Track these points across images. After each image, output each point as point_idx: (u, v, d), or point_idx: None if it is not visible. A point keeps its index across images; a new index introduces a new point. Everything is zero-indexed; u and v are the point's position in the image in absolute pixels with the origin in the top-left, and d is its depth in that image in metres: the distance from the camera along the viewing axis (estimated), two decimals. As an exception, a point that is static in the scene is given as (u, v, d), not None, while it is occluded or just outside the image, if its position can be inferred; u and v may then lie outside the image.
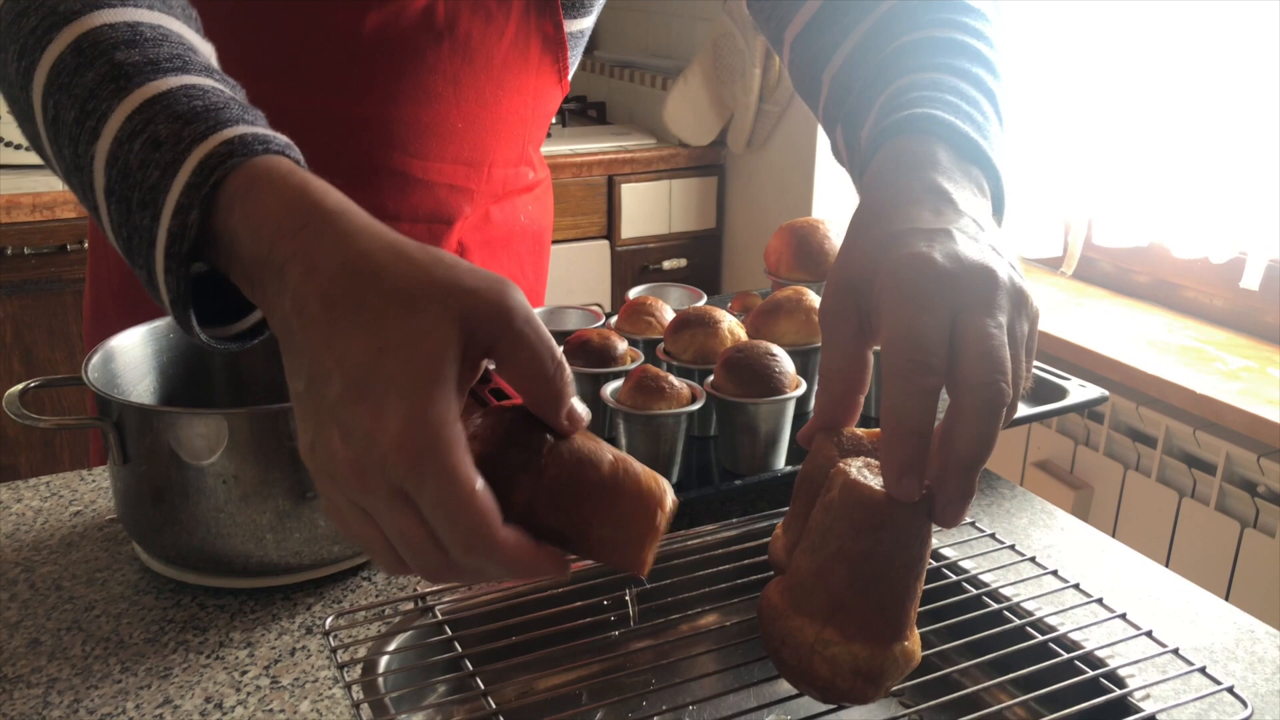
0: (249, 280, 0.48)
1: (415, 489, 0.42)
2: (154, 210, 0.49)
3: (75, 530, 0.82)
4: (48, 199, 2.04)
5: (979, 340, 0.47)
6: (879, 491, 0.47)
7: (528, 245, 1.08)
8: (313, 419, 0.44)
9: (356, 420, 0.42)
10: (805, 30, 0.78)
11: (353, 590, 0.74)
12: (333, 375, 0.43)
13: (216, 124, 0.50)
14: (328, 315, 0.44)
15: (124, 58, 0.53)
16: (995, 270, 0.50)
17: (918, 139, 0.58)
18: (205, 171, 0.48)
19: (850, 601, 0.47)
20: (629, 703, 0.64)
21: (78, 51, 0.54)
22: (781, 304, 0.95)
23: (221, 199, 0.48)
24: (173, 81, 0.52)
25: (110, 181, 0.51)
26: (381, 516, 0.43)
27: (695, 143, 2.57)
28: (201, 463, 0.69)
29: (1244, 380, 1.57)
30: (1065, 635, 0.62)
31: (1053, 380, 0.98)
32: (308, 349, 0.44)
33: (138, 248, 0.51)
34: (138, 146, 0.50)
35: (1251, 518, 1.52)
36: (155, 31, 0.56)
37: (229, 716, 0.62)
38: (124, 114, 0.51)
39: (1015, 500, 0.90)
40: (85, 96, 0.52)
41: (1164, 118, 1.74)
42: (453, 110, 0.93)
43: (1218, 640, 0.71)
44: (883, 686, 0.49)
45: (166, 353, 0.83)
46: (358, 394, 0.42)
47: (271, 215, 0.47)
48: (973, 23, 0.68)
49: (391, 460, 0.41)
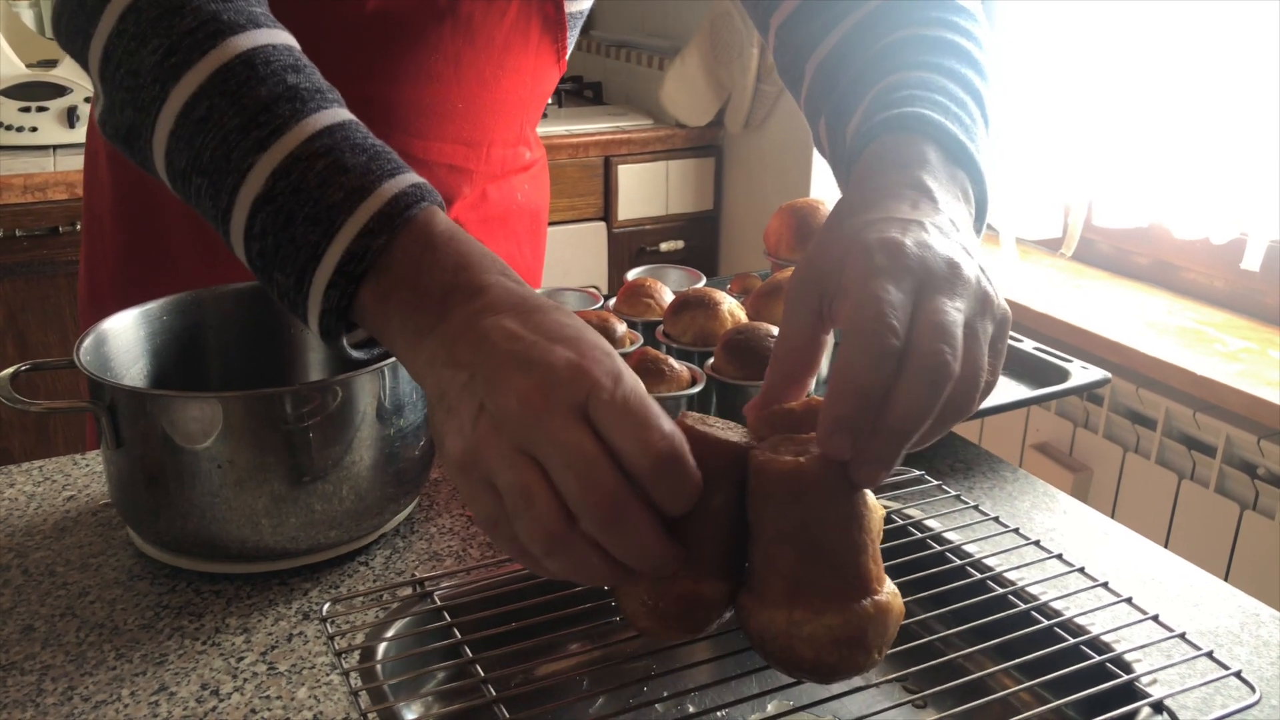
0: (427, 303, 0.52)
1: (604, 409, 0.45)
2: (327, 227, 0.54)
3: (69, 515, 0.81)
4: (39, 180, 2.03)
5: (933, 313, 0.48)
6: (787, 461, 0.47)
7: (524, 224, 1.08)
8: (485, 385, 0.47)
9: (544, 357, 0.46)
10: (791, 18, 0.78)
11: (349, 575, 0.74)
12: (519, 360, 0.47)
13: (399, 166, 0.56)
14: (520, 324, 0.49)
15: (296, 81, 0.58)
16: (962, 265, 0.50)
17: (908, 138, 0.58)
18: (400, 205, 0.54)
19: (804, 576, 0.47)
20: (630, 689, 0.64)
21: (249, 65, 0.57)
22: (781, 285, 0.94)
23: (411, 233, 0.54)
24: (344, 114, 0.58)
25: (273, 191, 0.55)
26: (554, 447, 0.44)
27: (692, 123, 2.56)
28: (196, 446, 0.68)
29: (1244, 362, 1.57)
30: (1071, 620, 0.62)
31: (1055, 362, 0.98)
32: (492, 355, 0.48)
33: (286, 257, 0.55)
34: (320, 167, 0.55)
35: (1251, 500, 1.52)
36: (306, 59, 0.60)
37: (225, 704, 0.61)
38: (305, 134, 0.55)
39: (1017, 483, 0.89)
40: (257, 109, 0.56)
41: (1164, 99, 1.73)
42: (453, 90, 0.92)
43: (1222, 624, 0.70)
44: (871, 649, 0.48)
45: (160, 335, 0.82)
46: (547, 351, 0.47)
47: (476, 255, 0.53)
48: (962, 22, 0.69)
49: (581, 376, 0.45)
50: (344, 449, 0.71)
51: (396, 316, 0.53)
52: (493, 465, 0.46)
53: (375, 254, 0.53)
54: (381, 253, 0.53)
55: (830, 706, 0.61)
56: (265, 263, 0.56)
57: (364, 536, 0.75)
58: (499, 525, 0.47)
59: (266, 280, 0.57)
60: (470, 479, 0.47)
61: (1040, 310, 1.78)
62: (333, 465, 0.71)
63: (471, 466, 0.47)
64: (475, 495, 0.47)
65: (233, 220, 0.57)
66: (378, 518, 0.75)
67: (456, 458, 0.47)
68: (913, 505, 0.75)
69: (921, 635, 0.63)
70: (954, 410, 0.48)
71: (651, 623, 0.49)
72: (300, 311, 0.56)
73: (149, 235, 0.98)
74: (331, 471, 0.71)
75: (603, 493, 0.44)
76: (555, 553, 0.45)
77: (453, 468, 0.48)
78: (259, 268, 0.57)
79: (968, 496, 0.78)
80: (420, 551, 0.76)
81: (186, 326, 0.84)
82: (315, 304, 0.55)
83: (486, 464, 0.46)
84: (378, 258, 0.53)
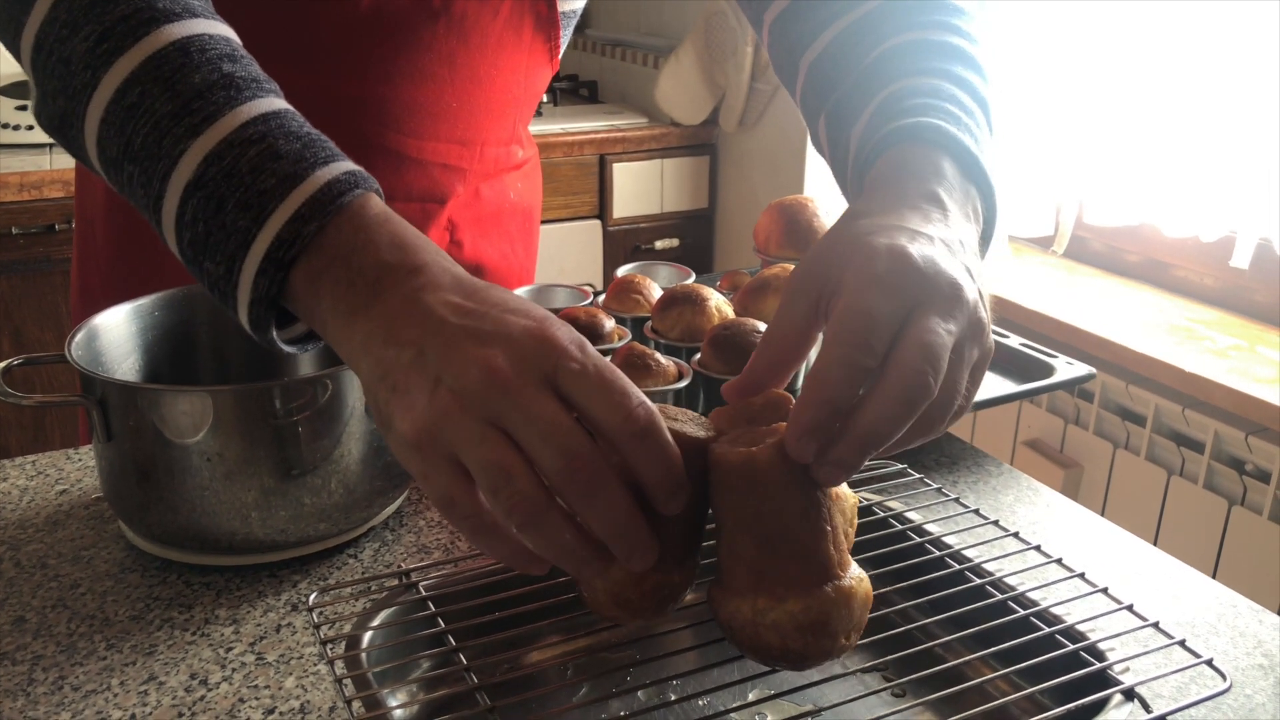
0: (361, 281, 0.51)
1: (575, 378, 0.45)
2: (257, 213, 0.52)
3: (61, 509, 0.82)
4: (35, 178, 2.03)
5: (925, 332, 0.48)
6: (740, 452, 0.48)
7: (517, 222, 1.08)
8: (439, 360, 0.46)
9: (501, 328, 0.46)
10: (785, 14, 0.78)
11: (338, 568, 0.75)
12: (472, 333, 0.47)
13: (334, 154, 0.55)
14: (464, 298, 0.49)
15: (231, 70, 0.57)
16: (964, 288, 0.50)
17: (924, 149, 0.59)
18: (334, 191, 0.52)
19: (765, 564, 0.48)
20: (613, 677, 0.64)
21: (184, 52, 0.56)
22: (769, 282, 0.95)
23: (345, 217, 0.52)
24: (279, 104, 0.57)
25: (204, 177, 0.54)
26: (528, 419, 0.44)
27: (687, 122, 2.56)
28: (186, 440, 0.69)
29: (1233, 359, 1.58)
30: (1047, 610, 0.62)
31: (1040, 358, 0.99)
32: (441, 329, 0.47)
33: (216, 244, 0.53)
34: (252, 153, 0.53)
35: (1239, 496, 1.53)
36: (244, 51, 0.59)
37: (214, 693, 0.62)
38: (239, 120, 0.54)
39: (1001, 478, 0.90)
40: (190, 96, 0.55)
41: (1155, 98, 1.74)
42: (447, 89, 0.93)
43: (1200, 615, 0.71)
44: (837, 634, 0.48)
45: (151, 330, 0.83)
46: (502, 321, 0.47)
47: (411, 236, 0.52)
48: (961, 24, 0.69)
49: (547, 345, 0.45)
50: (333, 443, 0.72)
51: (328, 297, 0.51)
52: (458, 441, 0.45)
53: (307, 239, 0.52)
54: (313, 237, 0.52)
55: (809, 694, 0.62)
56: (196, 252, 0.55)
57: (353, 529, 0.76)
58: (456, 504, 0.46)
59: (198, 270, 0.55)
60: (426, 456, 0.46)
61: (1031, 307, 1.79)
62: (322, 459, 0.72)
63: (430, 444, 0.45)
64: (431, 473, 0.46)
65: (164, 208, 0.55)
66: (366, 511, 0.76)
67: (410, 436, 0.46)
68: (894, 498, 0.76)
69: (900, 624, 0.64)
70: (922, 427, 0.49)
71: (617, 610, 0.50)
72: (230, 302, 0.54)
73: (139, 234, 0.98)
74: (321, 465, 0.72)
75: (583, 462, 0.44)
76: (532, 527, 0.45)
77: (404, 447, 0.46)
78: (190, 258, 0.55)
79: (950, 490, 0.79)
80: (408, 544, 0.77)
81: (178, 322, 0.84)
82: (245, 293, 0.53)
83: (448, 440, 0.45)
84: (309, 242, 0.52)
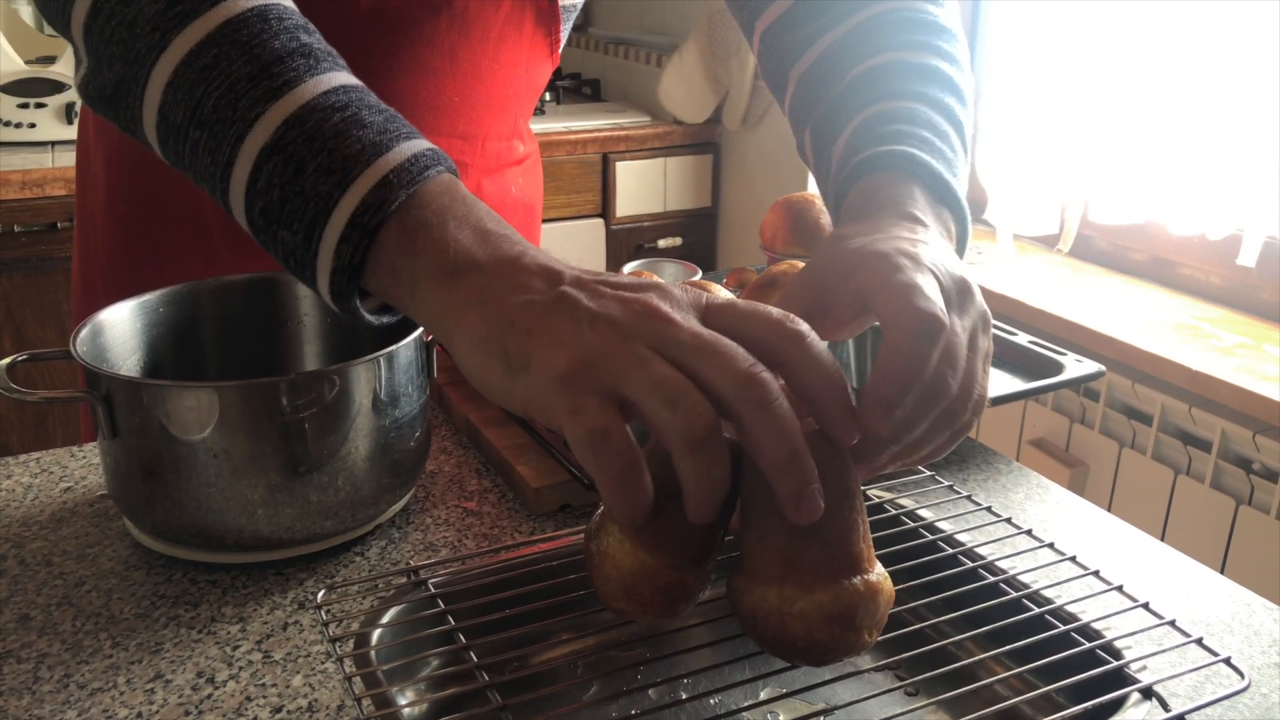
0: (470, 239, 0.50)
1: (724, 312, 0.46)
2: (341, 177, 0.50)
3: (65, 506, 0.81)
4: (37, 176, 2.03)
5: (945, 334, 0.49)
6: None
7: (519, 218, 1.08)
8: (586, 301, 0.46)
9: (636, 281, 0.47)
10: (776, 24, 0.79)
11: (345, 565, 0.74)
12: (611, 283, 0.47)
13: (416, 132, 0.54)
14: (590, 271, 0.49)
15: (309, 41, 0.56)
16: (971, 283, 0.53)
17: (898, 177, 0.60)
18: (420, 164, 0.51)
19: (796, 552, 0.48)
20: (623, 675, 0.64)
21: (263, 18, 0.55)
22: (777, 279, 0.94)
23: (439, 186, 0.51)
24: (356, 80, 0.56)
25: (283, 140, 0.52)
26: (695, 348, 0.44)
27: (690, 120, 2.56)
28: (192, 437, 0.68)
29: (1240, 357, 1.57)
30: (1062, 607, 0.62)
31: (1049, 355, 0.98)
32: (578, 282, 0.47)
33: (294, 211, 0.51)
34: (336, 119, 0.52)
35: (1247, 495, 1.52)
36: (315, 27, 0.59)
37: (221, 691, 0.62)
38: (322, 88, 0.53)
39: (1011, 475, 0.89)
40: (270, 60, 0.53)
41: (1161, 95, 1.73)
42: (449, 84, 0.93)
43: (1214, 613, 0.71)
44: (861, 629, 0.48)
45: (156, 327, 0.82)
46: (631, 279, 0.48)
47: (501, 218, 0.52)
48: (944, 44, 0.70)
49: (689, 291, 0.46)
50: (340, 439, 0.71)
51: (427, 254, 0.49)
52: (622, 367, 0.43)
53: (392, 205, 0.50)
54: (402, 204, 0.50)
55: (822, 693, 0.61)
56: (269, 221, 0.52)
57: (360, 527, 0.76)
58: (610, 438, 0.43)
59: (270, 241, 0.53)
60: (577, 389, 0.44)
61: (1036, 306, 1.78)
62: (329, 456, 0.71)
63: (585, 376, 0.44)
64: (583, 407, 0.43)
65: (234, 175, 0.53)
66: (373, 508, 0.75)
67: (561, 369, 0.44)
68: (906, 495, 0.76)
69: (913, 622, 0.63)
70: (947, 421, 0.50)
71: (628, 603, 0.49)
72: (309, 273, 0.52)
73: (141, 232, 0.98)
74: (327, 462, 0.71)
75: (758, 377, 0.43)
76: (703, 449, 0.43)
77: (551, 383, 0.44)
78: (261, 228, 0.53)
79: (961, 488, 0.78)
80: (416, 542, 0.77)
81: (183, 318, 0.84)
82: (326, 261, 0.51)
83: (609, 370, 0.43)
84: (396, 209, 0.50)
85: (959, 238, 0.62)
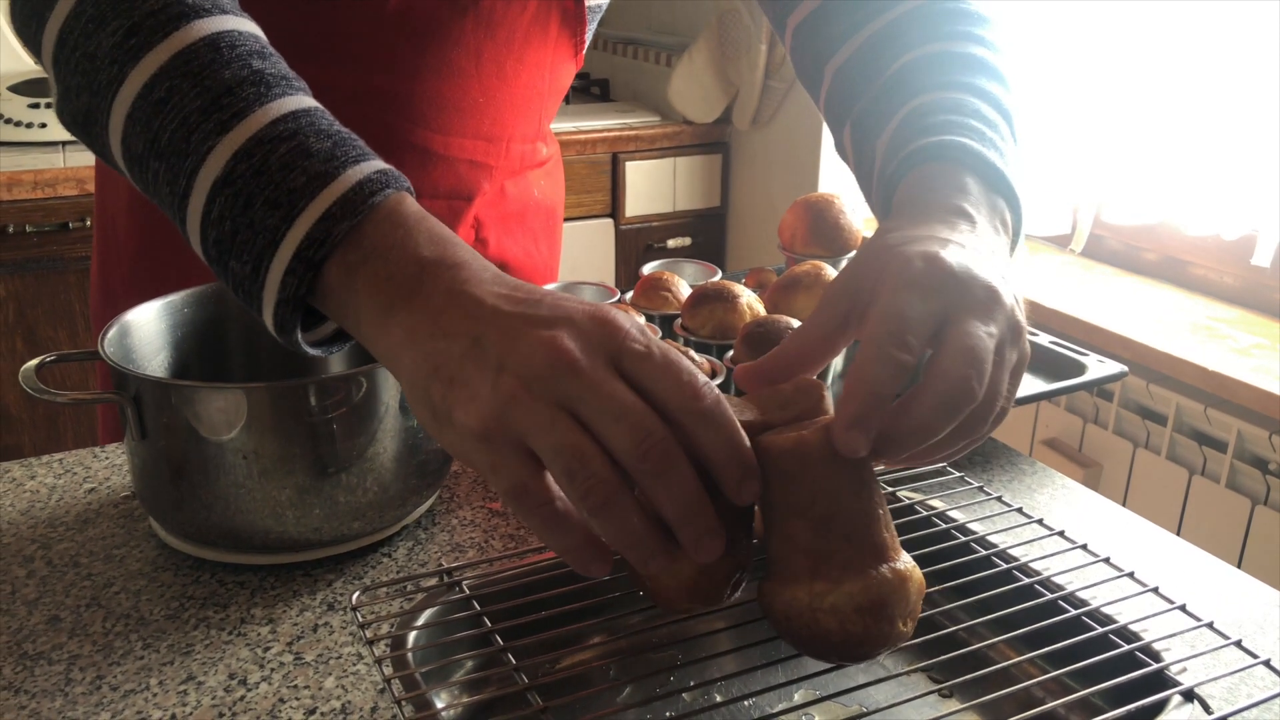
0: (401, 275, 0.50)
1: (641, 359, 0.45)
2: (287, 211, 0.51)
3: (91, 507, 0.81)
4: (49, 176, 2.03)
5: (966, 336, 0.48)
6: (790, 436, 0.48)
7: (541, 220, 1.08)
8: (499, 347, 0.46)
9: (559, 312, 0.46)
10: (810, 18, 0.78)
11: (373, 567, 0.74)
12: (530, 319, 0.46)
13: (366, 153, 0.54)
14: (511, 290, 0.48)
15: (261, 66, 0.56)
16: (1000, 291, 0.51)
17: (948, 167, 0.59)
18: (365, 191, 0.51)
19: (822, 548, 0.48)
20: (656, 678, 0.64)
21: (214, 48, 0.55)
22: (800, 279, 0.94)
23: (381, 214, 0.51)
24: (309, 102, 0.56)
25: (233, 174, 0.52)
26: (600, 400, 0.44)
27: (700, 120, 2.56)
28: (221, 438, 0.68)
29: (1255, 357, 1.57)
30: (1098, 609, 0.62)
31: (1071, 356, 0.98)
32: (496, 317, 0.47)
33: (244, 242, 0.52)
34: (282, 150, 0.52)
35: (1262, 495, 1.52)
36: (273, 49, 0.58)
37: (254, 693, 0.62)
38: (269, 117, 0.53)
39: (1035, 475, 0.89)
40: (220, 91, 0.54)
41: (1174, 95, 1.73)
42: (474, 84, 0.92)
43: (1247, 614, 0.70)
44: (895, 618, 0.48)
45: (181, 328, 0.82)
46: (559, 306, 0.47)
47: (448, 234, 0.52)
48: (984, 33, 0.69)
49: (609, 327, 0.45)
50: (368, 440, 0.71)
51: (365, 292, 0.50)
52: (528, 426, 0.44)
53: (338, 238, 0.50)
54: (347, 235, 0.51)
55: (856, 696, 0.61)
56: (221, 251, 0.53)
57: (387, 528, 0.76)
58: (529, 493, 0.44)
59: (222, 270, 0.54)
60: (495, 446, 0.44)
61: (1050, 306, 1.78)
62: (357, 457, 0.71)
63: (499, 433, 0.44)
64: (500, 464, 0.45)
65: (190, 206, 0.54)
66: (400, 509, 0.75)
67: (476, 427, 0.45)
68: (935, 496, 0.75)
69: (947, 625, 0.63)
70: (967, 430, 0.49)
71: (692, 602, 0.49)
72: (256, 303, 0.53)
73: (164, 233, 0.98)
74: (355, 463, 0.71)
75: (656, 440, 0.43)
76: (606, 512, 0.44)
77: (468, 439, 0.45)
78: (214, 258, 0.54)
79: (988, 488, 0.78)
80: (442, 543, 0.77)
81: (209, 319, 0.84)
82: (271, 292, 0.52)
83: (518, 427, 0.44)
84: (341, 241, 0.50)
85: (1014, 227, 0.60)
